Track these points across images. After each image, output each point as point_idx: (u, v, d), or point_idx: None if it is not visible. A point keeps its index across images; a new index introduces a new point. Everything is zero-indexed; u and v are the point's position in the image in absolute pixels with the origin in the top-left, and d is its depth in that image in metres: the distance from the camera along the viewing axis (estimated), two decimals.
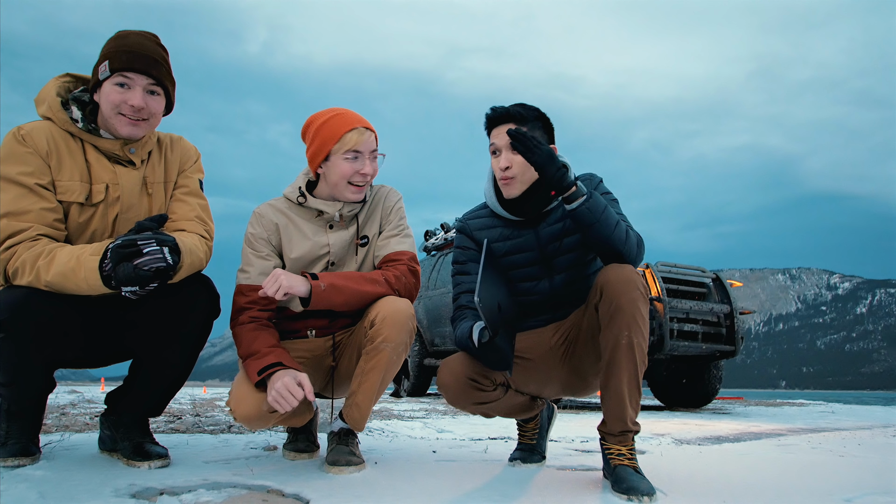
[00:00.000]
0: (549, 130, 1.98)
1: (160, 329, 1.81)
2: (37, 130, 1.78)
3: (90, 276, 1.62)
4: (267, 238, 2.00)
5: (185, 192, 1.98)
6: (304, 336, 2.06)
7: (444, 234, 9.01)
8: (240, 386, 1.84)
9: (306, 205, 2.02)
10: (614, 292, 1.71)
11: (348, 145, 1.93)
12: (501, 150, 1.93)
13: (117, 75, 1.77)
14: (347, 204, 2.02)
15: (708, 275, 6.91)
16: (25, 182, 1.72)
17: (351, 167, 1.94)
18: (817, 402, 11.05)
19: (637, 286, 1.72)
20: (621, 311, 1.70)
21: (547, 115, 1.97)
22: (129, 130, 1.82)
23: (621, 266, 1.76)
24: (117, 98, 1.78)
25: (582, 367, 1.95)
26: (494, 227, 2.03)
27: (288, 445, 2.18)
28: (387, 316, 1.84)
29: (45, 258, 1.65)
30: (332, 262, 2.03)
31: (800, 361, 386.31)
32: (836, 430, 4.45)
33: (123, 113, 1.80)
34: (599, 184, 1.99)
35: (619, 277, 1.73)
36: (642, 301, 1.73)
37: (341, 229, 2.04)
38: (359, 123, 1.95)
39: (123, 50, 1.78)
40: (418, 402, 6.86)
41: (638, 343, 1.71)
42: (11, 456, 1.79)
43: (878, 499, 1.74)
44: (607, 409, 1.75)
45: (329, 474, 1.84)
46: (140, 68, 1.78)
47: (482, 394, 1.94)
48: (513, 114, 1.92)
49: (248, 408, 1.79)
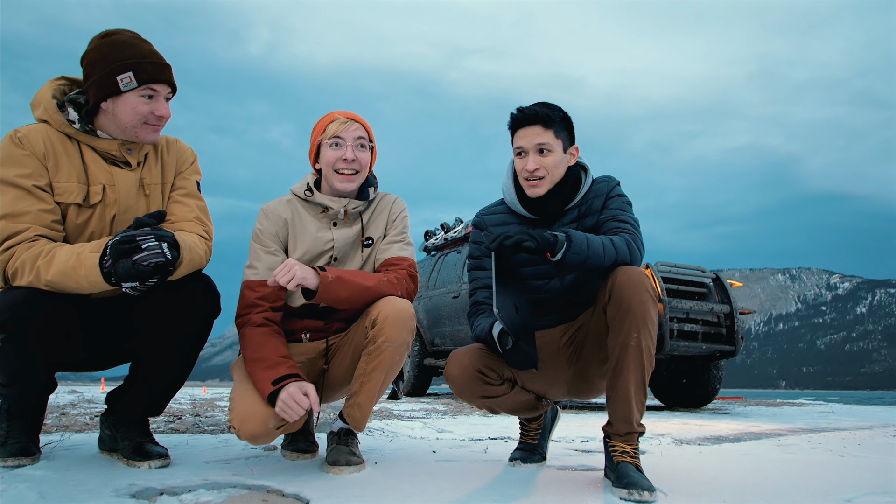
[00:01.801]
0: (570, 130, 2.01)
1: (161, 328, 1.81)
2: (33, 133, 1.79)
3: (91, 272, 1.62)
4: (275, 232, 2.04)
5: (183, 193, 1.98)
6: (298, 339, 2.07)
7: (444, 234, 9.01)
8: (243, 400, 1.81)
9: (312, 200, 2.07)
10: (623, 294, 1.72)
11: (330, 133, 2.01)
12: (528, 152, 1.94)
13: (145, 88, 1.81)
14: (352, 201, 2.06)
15: (708, 275, 6.91)
16: (23, 184, 1.73)
17: (334, 154, 2.01)
18: (817, 402, 11.05)
19: (646, 288, 1.73)
20: (631, 312, 1.70)
21: (569, 115, 2.00)
22: (153, 137, 1.89)
23: (630, 268, 1.77)
24: (145, 109, 1.83)
25: (588, 369, 1.95)
26: (510, 224, 2.05)
27: (287, 446, 2.17)
28: (389, 315, 1.84)
29: (45, 258, 1.65)
30: (336, 257, 2.06)
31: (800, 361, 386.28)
32: (836, 430, 4.45)
33: (149, 122, 1.85)
34: (615, 187, 2.00)
35: (629, 280, 1.73)
36: (651, 304, 1.73)
37: (345, 226, 2.08)
38: (341, 115, 2.04)
39: (147, 61, 1.81)
40: (418, 402, 6.86)
41: (646, 345, 1.71)
42: (11, 456, 1.79)
43: (878, 499, 1.75)
44: (613, 410, 1.75)
45: (329, 474, 1.84)
46: (166, 79, 1.84)
47: (489, 387, 1.96)
48: (541, 115, 1.93)
49: (254, 426, 1.78)
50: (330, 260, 2.05)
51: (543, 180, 1.95)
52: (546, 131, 1.93)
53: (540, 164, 1.93)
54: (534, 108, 1.94)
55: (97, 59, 1.80)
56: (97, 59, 1.80)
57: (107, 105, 1.82)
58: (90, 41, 1.84)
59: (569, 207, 1.99)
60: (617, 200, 1.97)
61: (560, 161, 1.96)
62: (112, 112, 1.82)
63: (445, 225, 9.19)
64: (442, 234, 9.13)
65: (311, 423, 2.25)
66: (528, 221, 2.03)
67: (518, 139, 1.97)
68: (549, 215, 2.00)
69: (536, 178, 1.94)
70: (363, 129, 2.05)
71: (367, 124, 2.08)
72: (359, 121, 2.05)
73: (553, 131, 1.94)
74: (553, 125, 1.94)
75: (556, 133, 1.94)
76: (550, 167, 1.94)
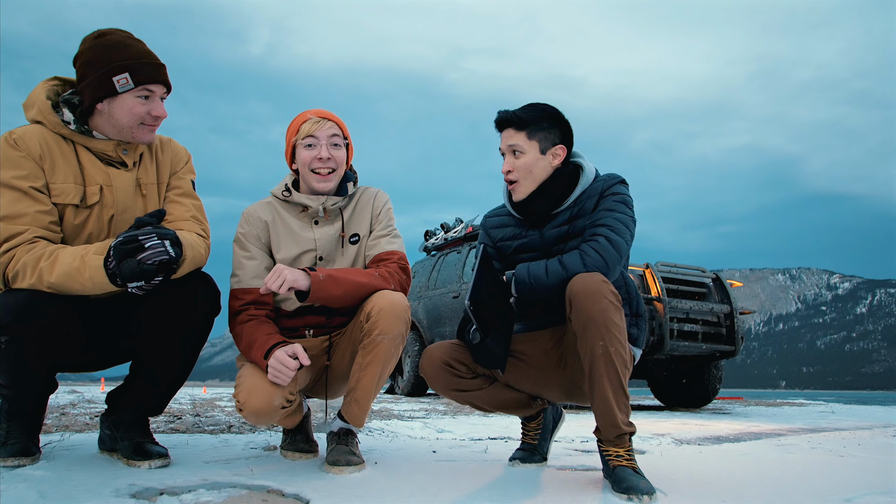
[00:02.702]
0: (555, 130, 1.98)
1: (161, 327, 1.81)
2: (29, 134, 1.79)
3: (96, 274, 1.63)
4: (256, 235, 2.05)
5: (179, 193, 1.99)
6: (301, 335, 2.08)
7: (444, 235, 9.01)
8: (249, 377, 1.83)
9: (291, 199, 2.07)
10: (582, 304, 1.70)
11: (304, 133, 2.03)
12: (505, 155, 1.99)
13: (142, 89, 1.81)
14: (330, 198, 2.06)
15: (708, 275, 6.91)
16: (20, 186, 1.73)
17: (309, 154, 2.02)
18: (817, 402, 11.05)
19: (605, 294, 1.70)
20: (592, 321, 1.68)
21: (560, 114, 1.99)
22: (150, 137, 1.89)
23: (586, 276, 1.74)
24: (142, 110, 1.83)
25: (576, 375, 1.94)
26: (507, 227, 2.09)
27: (287, 446, 2.17)
28: (383, 308, 1.85)
29: (48, 260, 1.65)
30: (321, 256, 2.06)
31: (800, 361, 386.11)
32: (836, 430, 4.45)
33: (146, 122, 1.85)
34: (613, 185, 1.95)
35: (585, 289, 1.71)
36: (613, 309, 1.70)
37: (326, 224, 2.08)
38: (314, 114, 2.05)
39: (142, 62, 1.81)
40: (418, 401, 6.86)
41: (615, 350, 1.68)
42: (11, 456, 1.79)
43: (878, 499, 1.75)
44: (597, 417, 1.75)
45: (329, 474, 1.84)
46: (161, 80, 1.84)
47: (459, 380, 1.99)
48: (511, 118, 1.97)
49: (259, 401, 1.79)
50: (315, 260, 2.06)
51: (519, 183, 1.97)
52: (518, 133, 1.96)
53: (512, 165, 1.96)
54: (507, 112, 1.98)
55: (92, 60, 1.79)
56: (92, 60, 1.79)
57: (103, 106, 1.82)
58: (82, 41, 1.84)
59: (561, 209, 1.98)
60: (608, 200, 1.93)
61: (534, 162, 1.96)
62: (108, 113, 1.82)
63: (445, 225, 9.19)
64: (442, 235, 9.13)
65: (310, 423, 2.25)
66: (522, 223, 2.05)
67: (500, 142, 2.02)
68: (536, 217, 2.00)
69: (511, 181, 1.99)
70: (337, 127, 2.05)
71: (341, 122, 2.09)
72: (332, 119, 2.06)
73: (525, 133, 1.95)
74: (525, 127, 1.95)
75: (530, 135, 1.95)
76: (522, 169, 1.96)
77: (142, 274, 1.62)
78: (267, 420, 1.85)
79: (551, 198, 1.97)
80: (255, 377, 1.82)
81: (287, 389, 1.83)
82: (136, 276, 1.62)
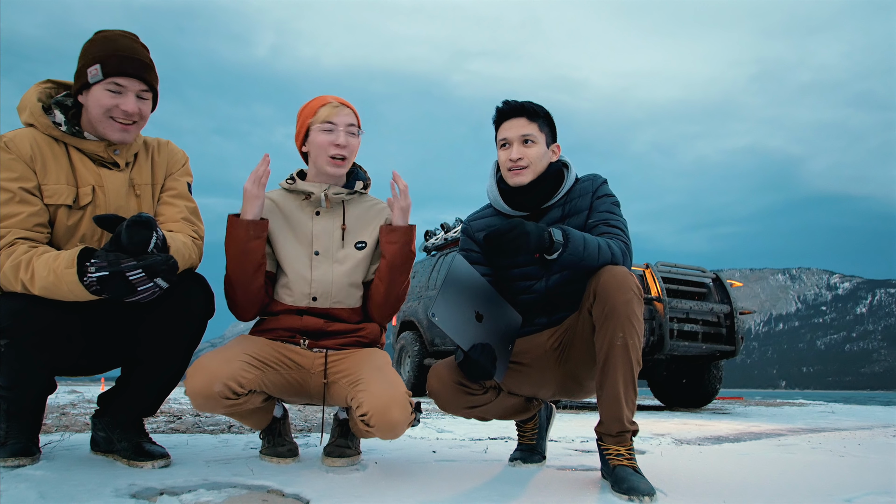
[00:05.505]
0: (552, 128, 2.05)
1: (156, 329, 1.81)
2: (19, 137, 1.79)
3: (74, 288, 1.62)
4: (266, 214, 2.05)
5: (173, 194, 1.98)
6: (296, 343, 2.01)
7: (444, 234, 9.01)
8: (201, 360, 1.79)
9: (294, 187, 2.06)
10: (608, 294, 1.71)
11: (323, 117, 2.01)
12: (513, 143, 1.98)
13: (110, 81, 1.79)
14: (333, 186, 2.05)
15: (708, 275, 6.91)
16: (9, 187, 1.73)
17: (326, 138, 2.01)
18: (817, 402, 11.04)
19: (631, 287, 1.72)
20: (615, 312, 1.69)
21: (552, 116, 2.05)
22: (120, 136, 1.84)
23: (614, 268, 1.76)
24: (109, 102, 1.80)
25: (577, 370, 1.94)
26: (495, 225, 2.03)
27: (265, 450, 2.09)
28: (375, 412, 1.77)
29: (26, 273, 1.65)
30: (317, 251, 2.03)
31: (800, 361, 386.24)
32: (836, 430, 4.45)
33: (114, 117, 1.82)
34: (601, 185, 2.01)
35: (613, 279, 1.72)
36: (636, 302, 1.72)
37: (327, 215, 2.06)
38: (334, 100, 2.05)
39: (117, 54, 1.79)
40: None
41: (633, 344, 1.70)
42: (11, 456, 1.79)
43: (878, 499, 1.74)
44: (604, 409, 1.74)
45: (329, 474, 1.84)
46: (134, 73, 1.81)
47: (472, 398, 1.94)
48: (526, 108, 1.98)
49: (198, 382, 1.72)
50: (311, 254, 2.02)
51: (527, 170, 1.97)
52: (531, 123, 1.98)
53: (524, 154, 1.96)
54: (519, 102, 1.99)
55: (80, 55, 1.82)
56: (80, 55, 1.82)
57: (83, 99, 1.83)
58: None
59: (551, 204, 2.00)
60: (605, 202, 1.97)
61: (543, 154, 1.99)
62: (86, 107, 1.83)
63: (445, 225, 9.19)
64: (442, 234, 9.13)
65: (287, 426, 2.19)
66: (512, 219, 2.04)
67: (503, 131, 2.00)
68: (532, 211, 2.01)
69: (519, 168, 1.97)
70: (353, 116, 2.05)
71: (357, 112, 2.08)
72: (350, 107, 2.05)
73: (537, 125, 1.99)
74: (537, 119, 1.99)
75: (540, 127, 1.99)
76: (534, 158, 1.97)
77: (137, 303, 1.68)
78: (210, 406, 1.77)
79: (545, 190, 1.99)
80: (206, 359, 1.79)
81: (233, 381, 1.75)
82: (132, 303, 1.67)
